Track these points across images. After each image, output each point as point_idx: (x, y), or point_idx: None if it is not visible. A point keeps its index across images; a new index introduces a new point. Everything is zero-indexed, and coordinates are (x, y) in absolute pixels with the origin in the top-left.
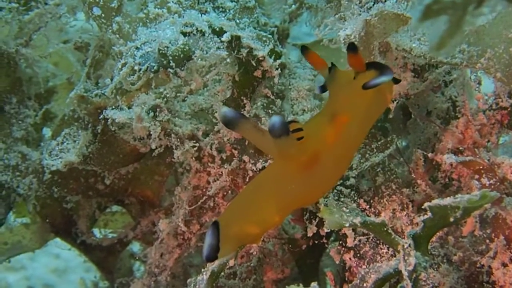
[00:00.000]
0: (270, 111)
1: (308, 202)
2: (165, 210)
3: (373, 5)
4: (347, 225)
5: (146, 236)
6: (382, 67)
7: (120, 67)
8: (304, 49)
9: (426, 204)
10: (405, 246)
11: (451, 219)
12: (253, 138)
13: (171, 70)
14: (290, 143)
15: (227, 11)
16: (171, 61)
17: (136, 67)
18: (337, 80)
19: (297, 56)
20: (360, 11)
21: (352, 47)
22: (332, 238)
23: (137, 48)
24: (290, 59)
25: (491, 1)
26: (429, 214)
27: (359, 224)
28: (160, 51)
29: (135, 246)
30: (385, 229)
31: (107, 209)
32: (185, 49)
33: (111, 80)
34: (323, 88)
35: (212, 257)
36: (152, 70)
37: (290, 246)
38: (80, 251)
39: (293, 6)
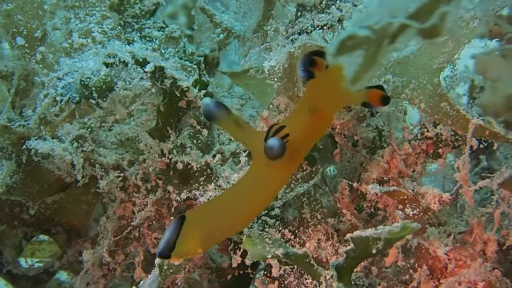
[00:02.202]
0: (195, 141)
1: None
2: (91, 239)
3: (298, 36)
4: (269, 256)
5: (73, 265)
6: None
7: (42, 97)
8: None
9: (348, 235)
10: (327, 277)
11: (374, 250)
12: (233, 134)
13: (93, 101)
14: (282, 158)
15: (153, 40)
16: (93, 92)
17: (58, 98)
18: (328, 77)
19: (227, 84)
20: (285, 42)
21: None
22: (260, 267)
23: (59, 78)
24: (218, 88)
25: (404, 37)
26: (352, 245)
27: (281, 256)
28: (82, 82)
29: (62, 275)
30: (308, 260)
31: (33, 238)
32: (107, 80)
33: (33, 110)
34: (309, 75)
35: (165, 254)
36: (74, 101)
37: (217, 276)
38: (7, 280)
39: (221, 35)
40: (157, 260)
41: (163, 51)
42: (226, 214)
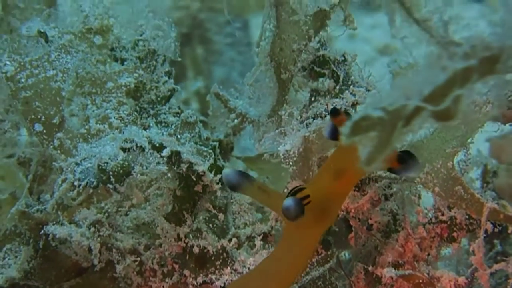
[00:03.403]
0: (211, 225)
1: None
2: None
3: (313, 121)
4: None
5: None
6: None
7: (60, 182)
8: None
9: None
10: None
11: None
12: (259, 200)
13: (111, 186)
14: (306, 218)
15: (169, 126)
16: (110, 177)
17: (75, 183)
18: None
19: (242, 169)
20: (300, 127)
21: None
22: None
23: (77, 164)
24: None
25: (419, 120)
26: None
27: None
28: (100, 167)
29: None
30: None
31: None
32: (124, 165)
33: (51, 195)
34: (333, 136)
35: None
36: (92, 186)
37: None
38: None
39: (236, 120)
40: None
41: (179, 136)
42: (264, 284)
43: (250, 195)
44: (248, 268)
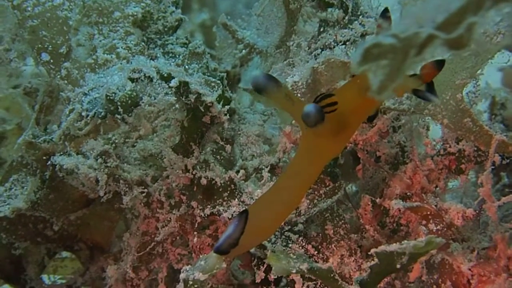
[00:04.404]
0: (219, 156)
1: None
2: (114, 255)
3: (321, 51)
4: (294, 271)
5: (96, 282)
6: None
7: (67, 113)
8: None
9: (372, 250)
10: None
11: (398, 265)
12: (283, 107)
13: (119, 116)
14: (324, 126)
15: (177, 56)
16: (118, 107)
17: (83, 113)
18: None
19: (249, 101)
20: (308, 58)
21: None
22: (282, 284)
23: (84, 94)
24: (241, 103)
25: (432, 48)
26: (376, 260)
27: (306, 270)
28: (108, 97)
29: None
30: (332, 275)
31: (56, 255)
32: (132, 95)
33: (59, 126)
34: None
35: (226, 251)
36: (100, 116)
37: None
38: None
39: (244, 51)
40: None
41: (186, 66)
42: (284, 197)
43: (274, 100)
44: None
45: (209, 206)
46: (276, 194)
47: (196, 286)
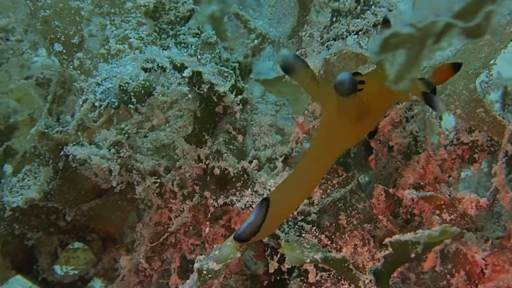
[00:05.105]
0: (231, 146)
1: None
2: (126, 246)
3: (334, 42)
4: (308, 261)
5: (108, 273)
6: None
7: (81, 103)
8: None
9: (387, 240)
10: (366, 282)
11: (412, 255)
12: (308, 88)
13: (132, 106)
14: (354, 101)
15: (189, 46)
16: (132, 97)
17: (96, 103)
18: None
19: (260, 91)
20: (321, 48)
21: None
22: (294, 274)
23: (98, 84)
24: (253, 94)
25: (449, 37)
26: (390, 249)
27: (320, 260)
28: (121, 87)
29: (97, 283)
30: (346, 265)
31: (68, 246)
32: (146, 85)
33: (72, 116)
34: None
35: (246, 238)
36: (113, 106)
37: (252, 282)
38: None
39: (256, 41)
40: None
41: (199, 56)
42: (305, 182)
43: (300, 81)
44: (269, 190)
45: (222, 196)
46: (297, 180)
47: (210, 275)
